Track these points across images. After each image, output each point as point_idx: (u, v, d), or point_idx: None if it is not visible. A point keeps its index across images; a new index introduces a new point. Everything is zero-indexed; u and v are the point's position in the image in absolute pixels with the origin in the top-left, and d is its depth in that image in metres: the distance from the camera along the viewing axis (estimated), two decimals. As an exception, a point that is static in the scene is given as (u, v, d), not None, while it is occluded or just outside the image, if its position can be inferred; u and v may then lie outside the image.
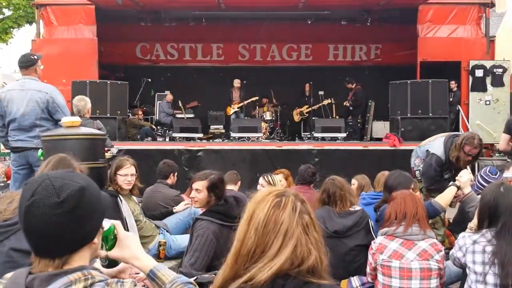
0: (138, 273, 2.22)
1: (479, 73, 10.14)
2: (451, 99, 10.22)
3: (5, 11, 15.93)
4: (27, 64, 4.63)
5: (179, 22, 11.87)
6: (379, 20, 11.60)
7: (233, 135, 10.40)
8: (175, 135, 10.47)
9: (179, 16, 11.70)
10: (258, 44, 13.34)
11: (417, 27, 10.30)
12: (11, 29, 15.99)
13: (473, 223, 3.01)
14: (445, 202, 3.90)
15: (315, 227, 1.42)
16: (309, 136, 11.16)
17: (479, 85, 10.15)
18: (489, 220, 2.65)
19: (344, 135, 10.24)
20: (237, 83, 11.86)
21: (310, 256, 1.35)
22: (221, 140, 11.01)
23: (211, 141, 10.87)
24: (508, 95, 10.22)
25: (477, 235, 2.66)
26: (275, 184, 4.44)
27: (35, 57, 4.75)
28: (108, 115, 9.23)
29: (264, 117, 11.98)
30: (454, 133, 5.22)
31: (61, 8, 10.57)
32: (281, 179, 5.05)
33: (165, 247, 4.20)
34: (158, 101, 12.59)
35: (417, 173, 5.19)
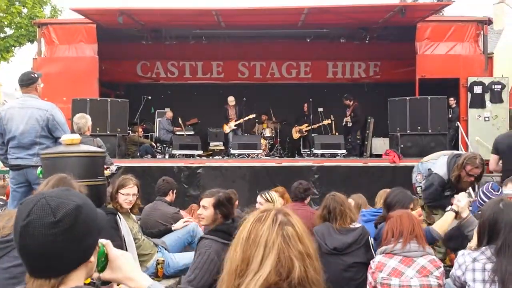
0: None
1: (478, 89, 10.18)
2: (450, 116, 10.27)
3: (7, 29, 16.07)
4: (27, 82, 4.64)
5: (179, 40, 11.97)
6: (377, 37, 11.70)
7: (232, 152, 10.42)
8: (174, 152, 10.46)
9: (180, 34, 11.81)
10: (257, 61, 13.42)
11: (416, 44, 10.35)
12: (13, 48, 16.11)
13: (473, 243, 2.99)
14: (443, 229, 3.85)
15: (300, 239, 1.39)
16: (309, 152, 11.15)
17: (478, 102, 10.19)
18: (489, 237, 2.62)
19: (344, 151, 10.24)
20: (231, 101, 11.86)
21: (294, 267, 1.34)
22: (220, 157, 10.98)
23: (210, 158, 10.86)
24: (507, 111, 10.25)
25: (476, 253, 2.63)
26: (273, 201, 4.40)
27: (35, 75, 4.75)
28: (108, 132, 9.26)
29: (263, 134, 12.02)
30: (457, 153, 5.17)
31: (62, 27, 10.72)
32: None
33: (163, 265, 4.18)
34: (158, 118, 12.64)
35: (418, 189, 5.18)
